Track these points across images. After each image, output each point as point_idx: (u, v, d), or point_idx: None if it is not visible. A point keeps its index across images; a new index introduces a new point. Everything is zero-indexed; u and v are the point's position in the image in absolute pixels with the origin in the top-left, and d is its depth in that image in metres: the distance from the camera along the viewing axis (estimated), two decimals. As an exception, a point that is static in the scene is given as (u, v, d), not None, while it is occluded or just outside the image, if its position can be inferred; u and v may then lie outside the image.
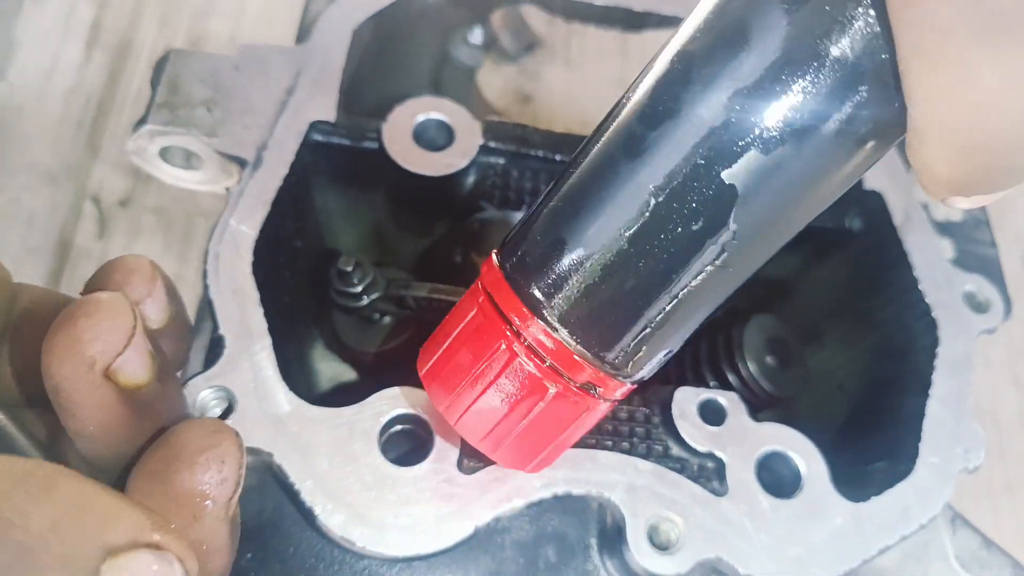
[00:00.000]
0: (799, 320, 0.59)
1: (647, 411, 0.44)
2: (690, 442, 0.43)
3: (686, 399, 0.44)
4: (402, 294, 0.52)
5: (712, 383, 0.53)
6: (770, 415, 0.49)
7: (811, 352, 0.57)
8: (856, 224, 0.55)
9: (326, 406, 0.41)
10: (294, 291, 0.52)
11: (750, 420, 0.44)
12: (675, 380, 0.53)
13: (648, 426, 0.44)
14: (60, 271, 0.77)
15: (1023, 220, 0.91)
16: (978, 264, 0.53)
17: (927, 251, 0.51)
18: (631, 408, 0.44)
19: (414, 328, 0.55)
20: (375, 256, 0.58)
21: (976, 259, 0.54)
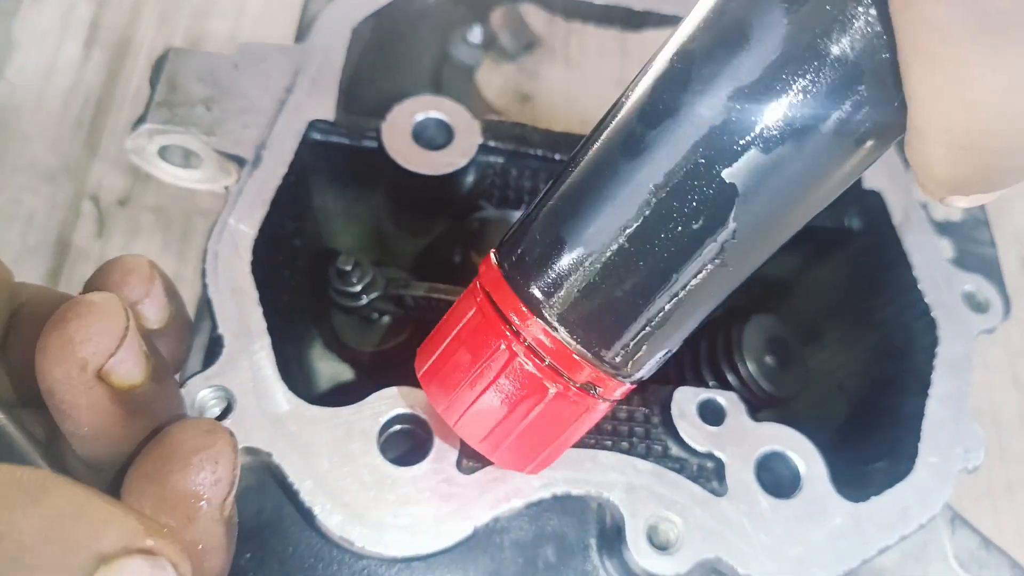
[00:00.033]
0: (798, 320, 0.59)
1: (646, 411, 0.44)
2: (689, 442, 0.43)
3: (685, 399, 0.44)
4: (401, 293, 0.52)
5: (711, 383, 0.52)
6: (769, 415, 0.49)
7: (810, 352, 0.57)
8: (855, 224, 0.55)
9: (325, 406, 0.41)
10: (293, 290, 0.52)
11: (749, 420, 0.44)
12: (674, 380, 0.53)
13: (647, 426, 0.44)
14: (59, 270, 0.77)
15: (1021, 220, 0.91)
16: (977, 264, 0.53)
17: (926, 251, 0.51)
18: (630, 408, 0.44)
19: (413, 327, 0.55)
20: (374, 255, 0.58)
21: (975, 259, 0.54)
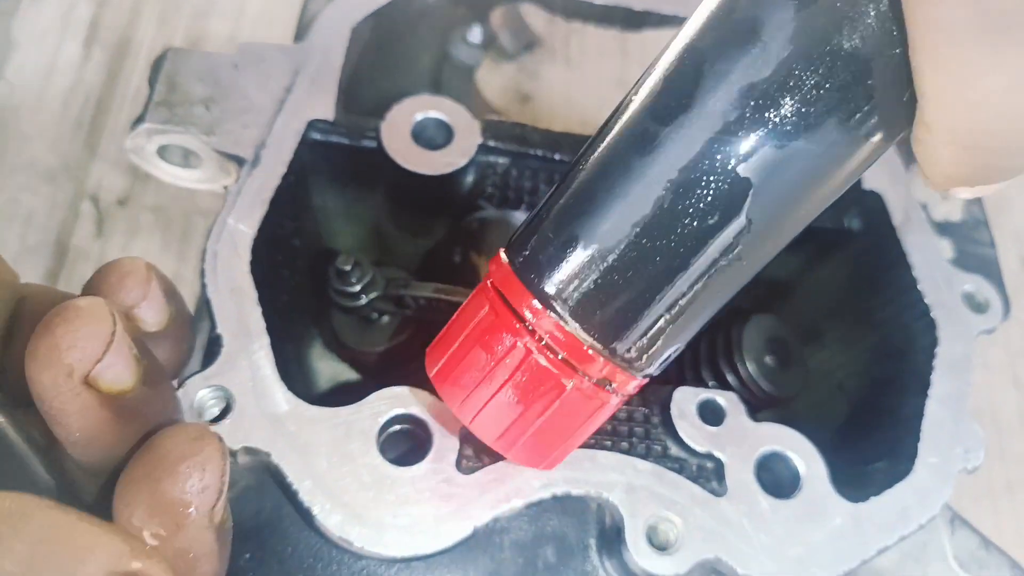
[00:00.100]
0: (798, 320, 0.59)
1: (646, 411, 0.44)
2: (689, 442, 0.43)
3: (685, 399, 0.44)
4: (401, 293, 0.51)
5: (711, 383, 0.52)
6: (769, 415, 0.49)
7: (810, 352, 0.57)
8: (855, 224, 0.55)
9: (324, 406, 0.40)
10: (292, 290, 0.52)
11: (749, 420, 0.44)
12: (674, 380, 0.53)
13: (647, 426, 0.44)
14: (58, 270, 0.77)
15: (1021, 220, 0.91)
16: (977, 264, 0.53)
17: (926, 251, 0.51)
18: (630, 408, 0.44)
19: (413, 328, 0.55)
20: (374, 255, 0.58)
21: (975, 259, 0.54)
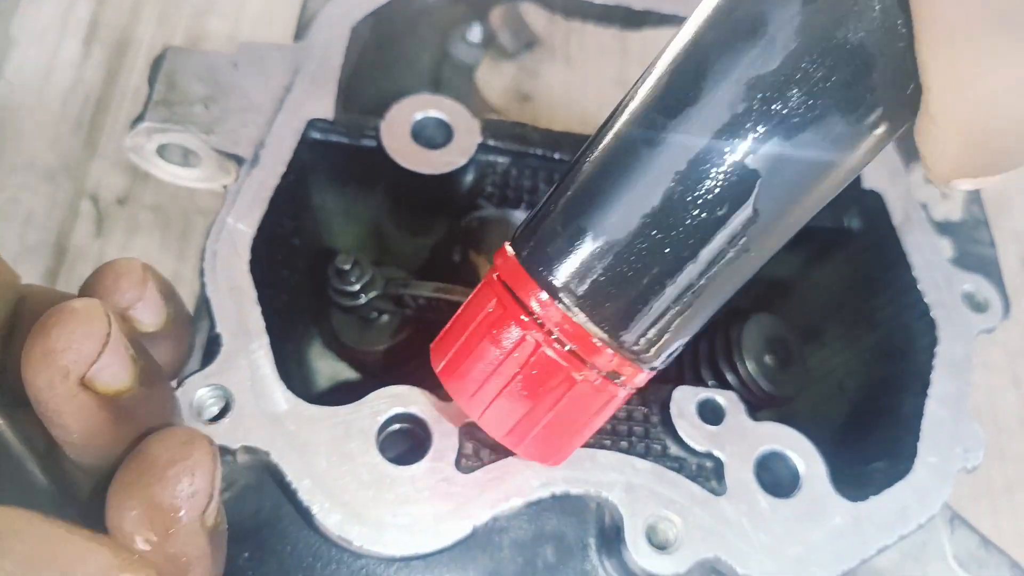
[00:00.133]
0: (798, 319, 0.59)
1: (645, 410, 0.44)
2: (688, 441, 0.43)
3: (685, 398, 0.44)
4: (401, 293, 0.51)
5: (711, 382, 0.52)
6: (769, 414, 0.49)
7: (810, 352, 0.57)
8: (855, 224, 0.55)
9: (324, 405, 0.40)
10: (292, 290, 0.52)
11: (749, 419, 0.44)
12: (673, 379, 0.53)
13: (646, 425, 0.44)
14: (57, 269, 0.77)
15: (1021, 220, 0.91)
16: (977, 264, 0.53)
17: (926, 251, 0.51)
18: (629, 407, 0.44)
19: (413, 327, 0.55)
20: (373, 255, 0.58)
21: (975, 259, 0.54)
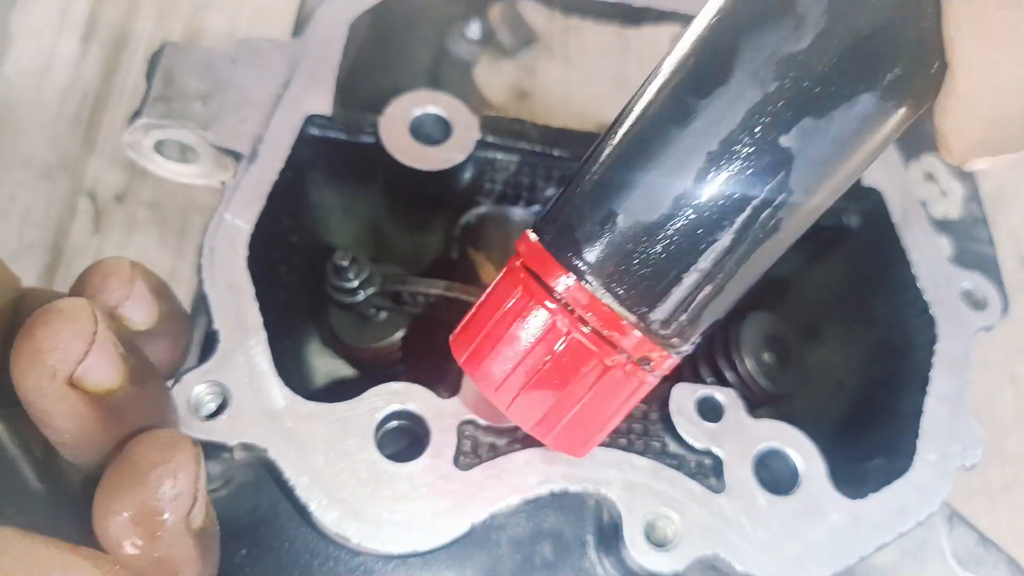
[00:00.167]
0: (797, 317, 0.59)
1: (644, 407, 0.44)
2: (687, 439, 0.42)
3: (683, 395, 0.44)
4: (399, 290, 0.51)
5: (709, 380, 0.52)
6: (768, 412, 0.49)
7: (809, 349, 0.57)
8: (854, 221, 0.55)
9: (322, 402, 0.40)
10: (290, 286, 0.52)
11: (748, 417, 0.44)
12: (672, 376, 0.53)
13: (645, 422, 0.44)
14: (55, 266, 0.76)
15: (1020, 218, 0.91)
16: (976, 261, 0.53)
17: (925, 248, 0.51)
18: (628, 404, 0.44)
19: (411, 324, 0.55)
20: (372, 251, 0.58)
21: (974, 256, 0.54)
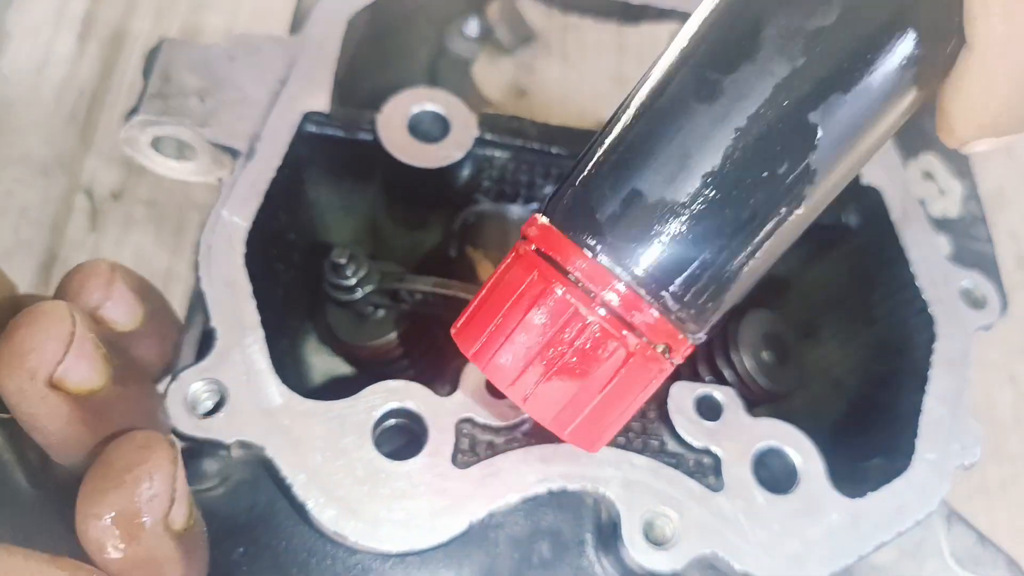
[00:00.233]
0: (796, 316, 0.59)
1: (643, 406, 0.44)
2: (686, 437, 0.42)
3: (682, 394, 0.44)
4: (396, 287, 0.51)
5: (708, 379, 0.52)
6: (766, 411, 0.49)
7: (808, 348, 0.57)
8: (853, 220, 0.55)
9: (319, 400, 0.40)
10: (287, 284, 0.52)
11: (746, 416, 0.43)
12: (671, 375, 0.53)
13: (644, 421, 0.44)
14: (52, 263, 0.76)
15: (1019, 217, 0.91)
16: (975, 260, 0.53)
17: (924, 247, 0.51)
18: (627, 403, 0.44)
19: (408, 322, 0.55)
20: (369, 249, 0.58)
21: (973, 255, 0.54)
